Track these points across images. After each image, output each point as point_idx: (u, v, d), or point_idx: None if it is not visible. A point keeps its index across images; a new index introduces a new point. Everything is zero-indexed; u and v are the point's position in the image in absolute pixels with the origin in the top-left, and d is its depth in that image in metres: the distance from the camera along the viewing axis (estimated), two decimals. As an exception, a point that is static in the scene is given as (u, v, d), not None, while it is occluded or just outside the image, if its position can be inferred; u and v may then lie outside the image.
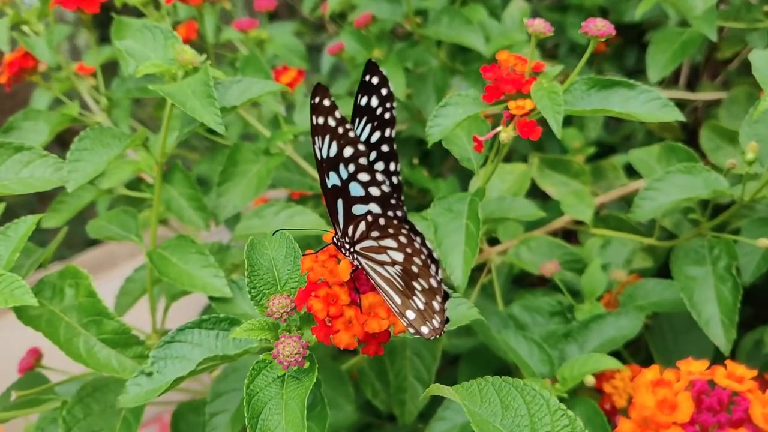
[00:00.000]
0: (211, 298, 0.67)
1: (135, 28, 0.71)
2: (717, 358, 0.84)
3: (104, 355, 0.62)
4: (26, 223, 0.63)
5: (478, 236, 0.67)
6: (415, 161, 1.31)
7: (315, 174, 0.95)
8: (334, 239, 0.53)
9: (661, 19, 1.29)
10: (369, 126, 0.52)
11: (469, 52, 1.16)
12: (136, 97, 0.89)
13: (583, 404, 0.73)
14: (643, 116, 0.66)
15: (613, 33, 0.64)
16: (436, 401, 0.85)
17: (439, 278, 0.50)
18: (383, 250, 0.50)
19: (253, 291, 0.55)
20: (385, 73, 0.52)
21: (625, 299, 0.87)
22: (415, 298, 0.50)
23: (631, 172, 1.08)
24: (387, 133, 0.53)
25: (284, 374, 0.51)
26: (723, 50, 1.19)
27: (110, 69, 1.09)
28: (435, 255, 0.49)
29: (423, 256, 0.49)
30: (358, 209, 0.50)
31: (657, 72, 1.00)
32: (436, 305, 0.50)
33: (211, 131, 1.26)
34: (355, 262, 0.52)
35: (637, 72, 1.40)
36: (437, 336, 0.50)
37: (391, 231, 0.48)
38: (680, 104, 0.71)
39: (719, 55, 1.20)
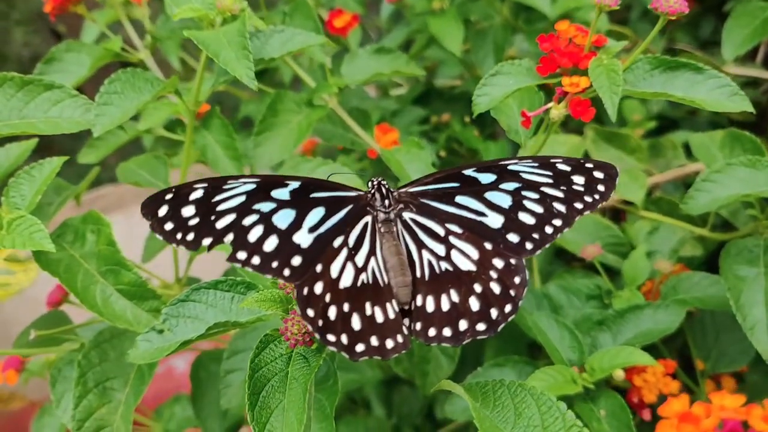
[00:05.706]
0: (233, 257, 0.65)
1: (177, -35, 0.67)
2: (757, 361, 0.80)
3: (120, 306, 0.61)
4: (51, 164, 0.62)
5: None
6: (467, 119, 1.26)
7: (358, 129, 0.92)
8: None
9: (744, -11, 1.19)
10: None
11: (534, 11, 1.10)
12: (181, 36, 0.86)
13: (609, 398, 0.69)
14: (708, 104, 0.61)
15: (686, 11, 0.59)
16: (461, 371, 0.83)
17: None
18: None
19: (267, 260, 0.53)
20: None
21: (668, 290, 0.82)
22: None
23: (692, 151, 1.02)
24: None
25: (291, 351, 0.49)
26: (808, 28, 1.09)
27: (159, 4, 1.06)
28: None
29: None
30: None
31: (732, 49, 0.93)
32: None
33: (261, 72, 1.23)
34: None
35: (713, 44, 1.31)
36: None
37: None
38: (754, 82, 0.65)
39: (804, 33, 1.11)
